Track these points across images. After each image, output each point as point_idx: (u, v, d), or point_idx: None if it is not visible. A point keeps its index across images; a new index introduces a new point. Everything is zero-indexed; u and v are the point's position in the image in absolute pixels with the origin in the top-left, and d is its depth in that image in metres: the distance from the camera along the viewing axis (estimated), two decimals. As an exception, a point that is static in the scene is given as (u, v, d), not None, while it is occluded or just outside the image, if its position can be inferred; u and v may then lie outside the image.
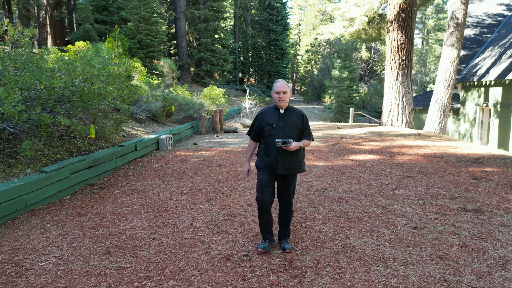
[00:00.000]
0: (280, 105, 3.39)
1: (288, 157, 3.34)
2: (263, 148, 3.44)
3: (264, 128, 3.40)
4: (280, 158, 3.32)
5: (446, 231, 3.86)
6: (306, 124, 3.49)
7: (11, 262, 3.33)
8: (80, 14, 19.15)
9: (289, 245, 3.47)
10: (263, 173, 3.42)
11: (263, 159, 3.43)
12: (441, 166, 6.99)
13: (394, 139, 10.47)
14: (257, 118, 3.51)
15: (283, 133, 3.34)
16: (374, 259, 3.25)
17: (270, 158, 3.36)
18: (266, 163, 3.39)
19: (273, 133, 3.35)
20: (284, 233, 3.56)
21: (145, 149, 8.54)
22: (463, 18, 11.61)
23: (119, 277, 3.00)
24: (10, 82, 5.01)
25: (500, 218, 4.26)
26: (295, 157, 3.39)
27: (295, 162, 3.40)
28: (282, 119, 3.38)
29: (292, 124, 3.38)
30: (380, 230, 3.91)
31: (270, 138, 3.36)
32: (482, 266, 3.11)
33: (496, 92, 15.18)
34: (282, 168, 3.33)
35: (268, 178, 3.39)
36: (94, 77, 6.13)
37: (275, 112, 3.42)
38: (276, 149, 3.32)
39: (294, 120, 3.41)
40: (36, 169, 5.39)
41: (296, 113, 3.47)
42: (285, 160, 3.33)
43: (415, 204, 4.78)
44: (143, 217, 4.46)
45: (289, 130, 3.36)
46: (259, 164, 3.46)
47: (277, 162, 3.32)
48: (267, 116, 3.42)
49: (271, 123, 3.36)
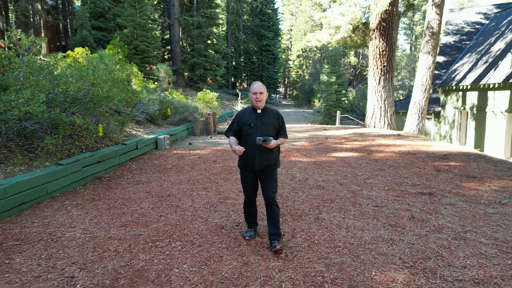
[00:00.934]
0: (257, 105, 3.59)
1: (266, 154, 3.57)
2: (243, 146, 3.56)
3: (243, 127, 3.61)
4: (257, 155, 3.54)
5: (401, 208, 4.72)
6: (282, 123, 3.73)
7: (45, 233, 4.09)
8: (78, 20, 19.86)
9: (279, 243, 3.48)
10: (244, 173, 3.69)
11: (242, 157, 3.63)
12: (411, 161, 7.89)
13: (375, 139, 11.37)
14: (236, 118, 3.71)
15: (260, 132, 3.55)
16: (339, 227, 4.08)
17: (248, 156, 3.57)
18: (245, 160, 3.60)
19: (251, 132, 3.56)
20: (275, 232, 3.55)
21: (145, 148, 9.30)
22: (438, 28, 12.61)
23: (136, 240, 3.79)
24: (31, 86, 5.78)
25: (449, 199, 5.13)
26: (271, 154, 3.62)
27: (272, 159, 3.63)
28: (259, 119, 3.60)
29: (269, 123, 3.59)
30: (347, 208, 4.75)
31: (249, 137, 3.57)
32: (423, 230, 3.96)
33: (472, 96, 16.23)
34: (259, 164, 3.56)
35: (250, 178, 3.66)
36: (103, 81, 6.91)
37: (253, 113, 3.63)
38: (254, 147, 3.52)
39: (270, 119, 3.63)
40: (53, 162, 6.15)
41: (272, 113, 3.69)
42: (262, 157, 3.56)
43: (381, 190, 5.64)
44: (150, 201, 5.25)
45: (266, 129, 3.57)
46: (240, 163, 3.71)
47: (255, 159, 3.54)
48: (245, 116, 3.63)
49: (249, 122, 3.57)
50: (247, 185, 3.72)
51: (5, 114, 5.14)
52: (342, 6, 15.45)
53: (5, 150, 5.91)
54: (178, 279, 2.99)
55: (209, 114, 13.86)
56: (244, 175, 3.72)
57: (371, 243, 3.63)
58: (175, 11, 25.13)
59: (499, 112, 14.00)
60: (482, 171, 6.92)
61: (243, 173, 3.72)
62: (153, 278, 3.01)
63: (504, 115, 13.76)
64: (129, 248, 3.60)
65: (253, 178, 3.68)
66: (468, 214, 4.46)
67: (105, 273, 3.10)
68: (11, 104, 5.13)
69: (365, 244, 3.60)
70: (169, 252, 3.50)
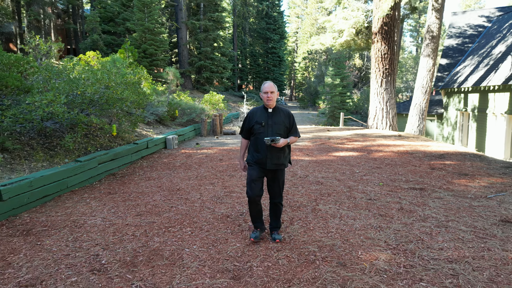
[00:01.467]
0: (268, 104, 3.65)
1: (277, 153, 3.60)
2: (253, 145, 3.67)
3: (254, 126, 3.65)
4: (269, 154, 3.58)
5: (392, 201, 5.12)
6: (293, 122, 3.77)
7: (69, 220, 4.56)
8: (89, 25, 20.49)
9: (280, 235, 3.74)
10: (253, 168, 3.68)
11: (253, 155, 3.68)
12: (408, 160, 8.27)
13: (375, 140, 11.75)
14: (247, 117, 3.77)
15: (272, 131, 3.58)
16: (333, 216, 4.50)
17: (260, 154, 3.61)
18: (256, 159, 3.64)
19: (262, 131, 3.59)
20: (275, 225, 3.81)
21: (155, 147, 9.78)
22: (437, 31, 12.96)
23: (151, 226, 4.25)
24: (52, 89, 6.28)
25: (438, 194, 5.52)
26: (283, 153, 3.65)
27: (283, 157, 3.66)
28: (270, 118, 3.64)
29: (279, 122, 3.63)
30: (342, 200, 5.17)
31: (260, 136, 3.60)
32: (409, 220, 4.36)
33: (473, 98, 16.52)
34: (271, 164, 3.60)
35: (257, 173, 3.64)
36: (116, 85, 7.40)
37: (264, 112, 3.68)
38: (266, 146, 3.56)
39: (281, 118, 3.67)
40: (72, 159, 6.64)
41: (283, 112, 3.73)
42: (273, 156, 3.59)
43: (375, 185, 6.04)
44: (161, 194, 5.71)
45: (277, 128, 3.60)
46: (250, 160, 3.72)
47: (266, 158, 3.58)
48: (256, 115, 3.68)
49: (260, 121, 3.62)
50: (254, 181, 3.61)
51: (30, 114, 5.64)
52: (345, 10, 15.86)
53: (28, 147, 6.41)
54: (189, 256, 3.43)
55: (215, 115, 14.32)
56: (252, 170, 3.67)
57: (360, 230, 4.04)
58: (182, 15, 25.71)
59: (499, 113, 14.29)
60: (474, 169, 7.28)
61: (252, 169, 3.68)
62: (167, 256, 3.46)
63: (504, 117, 14.05)
64: (145, 233, 4.05)
65: (262, 174, 3.67)
66: (453, 206, 4.85)
67: (125, 252, 3.55)
68: (35, 105, 5.63)
69: (355, 231, 4.02)
70: (181, 236, 3.95)
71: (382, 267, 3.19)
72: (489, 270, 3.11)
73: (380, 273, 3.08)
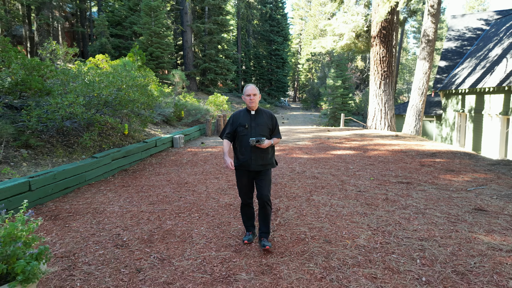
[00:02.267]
0: (251, 106, 3.66)
1: (260, 153, 3.63)
2: (238, 148, 3.69)
3: (238, 129, 3.66)
4: (253, 155, 3.61)
5: (380, 193, 5.66)
6: (276, 124, 3.81)
7: (90, 208, 5.15)
8: (97, 28, 21.17)
9: (269, 243, 3.62)
10: (240, 173, 3.73)
11: (238, 159, 3.70)
12: (401, 158, 8.79)
13: (373, 139, 12.27)
14: (230, 120, 3.77)
15: (255, 133, 3.61)
16: (324, 205, 5.06)
17: (244, 157, 3.63)
18: (241, 162, 3.65)
19: (246, 133, 3.62)
20: (265, 230, 3.71)
21: (163, 146, 10.38)
22: (433, 35, 13.46)
23: (163, 213, 4.82)
24: (71, 91, 6.88)
25: (423, 187, 6.05)
26: (266, 154, 3.68)
27: (267, 158, 3.69)
28: (253, 120, 3.67)
29: (263, 124, 3.67)
30: (334, 192, 5.72)
31: (244, 138, 3.62)
32: (392, 208, 4.90)
33: (470, 99, 16.99)
34: (255, 165, 3.62)
35: (245, 178, 3.70)
36: (128, 87, 8.00)
37: (247, 114, 3.70)
38: (250, 148, 3.59)
39: (264, 120, 3.70)
40: (88, 156, 7.24)
41: (266, 114, 3.77)
42: (258, 157, 3.62)
43: (366, 179, 6.58)
44: (171, 187, 6.28)
45: (260, 129, 3.63)
46: (236, 163, 3.72)
47: (250, 159, 3.61)
48: (239, 118, 3.69)
49: (243, 123, 3.64)
50: (243, 186, 3.73)
51: (53, 114, 6.24)
52: (346, 14, 16.39)
53: (49, 145, 7.02)
54: (197, 235, 4.00)
55: (219, 116, 14.91)
56: (239, 176, 3.73)
57: (347, 215, 4.59)
58: (187, 18, 26.36)
59: (494, 114, 14.76)
60: (462, 166, 7.80)
61: (239, 174, 3.74)
62: (179, 235, 4.03)
63: (498, 118, 14.51)
64: (158, 218, 4.63)
65: (249, 178, 3.71)
66: (434, 197, 5.38)
67: (142, 232, 4.13)
68: (57, 106, 6.22)
69: (342, 216, 4.57)
70: (189, 220, 4.52)
71: (361, 243, 3.74)
72: (453, 246, 3.64)
73: (359, 248, 3.63)
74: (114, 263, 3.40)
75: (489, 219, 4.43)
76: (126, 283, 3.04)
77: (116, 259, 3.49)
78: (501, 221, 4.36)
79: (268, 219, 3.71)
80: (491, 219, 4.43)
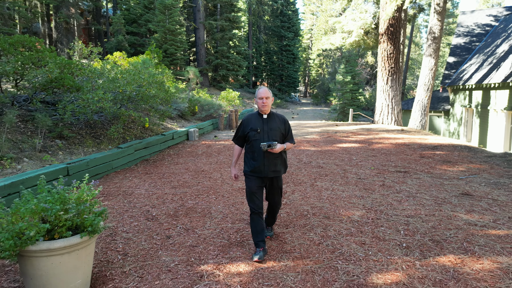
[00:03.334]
0: (263, 110, 3.54)
1: (274, 159, 3.51)
2: (250, 153, 3.56)
3: (249, 133, 3.53)
4: (266, 161, 3.48)
5: (378, 180, 6.26)
6: (289, 129, 3.69)
7: (120, 191, 5.87)
8: (114, 27, 22.00)
9: (271, 232, 3.89)
10: (250, 179, 3.55)
11: (250, 164, 3.55)
12: (402, 150, 9.34)
13: (379, 133, 12.79)
14: (242, 125, 3.65)
15: (267, 137, 3.49)
16: (326, 189, 5.69)
17: (256, 163, 3.49)
18: (253, 167, 3.51)
19: (258, 138, 3.49)
20: (271, 221, 3.90)
21: (179, 138, 11.10)
22: (439, 33, 13.87)
23: (185, 194, 5.52)
24: (99, 88, 7.61)
25: (419, 175, 6.62)
26: (279, 160, 3.57)
27: (279, 164, 3.58)
28: (266, 124, 3.54)
29: (275, 128, 3.54)
30: (337, 179, 6.34)
31: (256, 143, 3.49)
32: (386, 192, 5.51)
33: (477, 95, 17.33)
34: (269, 171, 3.51)
35: (256, 184, 3.53)
36: (149, 84, 8.71)
37: (259, 118, 3.58)
38: (262, 153, 3.46)
39: (277, 124, 3.58)
40: (114, 146, 7.98)
41: (278, 118, 3.65)
42: (271, 163, 3.50)
43: (367, 169, 7.17)
44: (189, 174, 6.98)
45: (272, 134, 3.51)
46: (247, 170, 3.59)
47: (264, 166, 3.48)
48: (251, 122, 3.57)
49: (255, 128, 3.51)
50: (253, 193, 3.52)
51: (84, 109, 6.98)
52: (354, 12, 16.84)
53: (79, 136, 7.78)
54: (215, 212, 4.68)
55: (231, 111, 15.57)
56: (250, 183, 3.56)
57: (346, 198, 5.22)
58: (200, 15, 27.03)
59: (499, 109, 15.11)
60: (459, 158, 8.32)
61: (249, 180, 3.57)
62: (199, 211, 4.72)
63: (504, 113, 14.87)
64: (181, 198, 5.32)
65: (260, 185, 3.56)
66: (426, 184, 5.96)
67: (168, 209, 4.83)
68: (88, 101, 6.96)
69: (341, 198, 5.20)
70: (208, 200, 5.21)
71: (355, 219, 4.36)
72: (434, 222, 4.25)
73: (353, 222, 4.26)
74: (147, 232, 4.10)
75: (472, 201, 5.00)
76: (159, 246, 3.73)
77: (148, 228, 4.19)
78: (483, 203, 4.93)
79: (276, 214, 3.83)
80: (474, 201, 5.00)
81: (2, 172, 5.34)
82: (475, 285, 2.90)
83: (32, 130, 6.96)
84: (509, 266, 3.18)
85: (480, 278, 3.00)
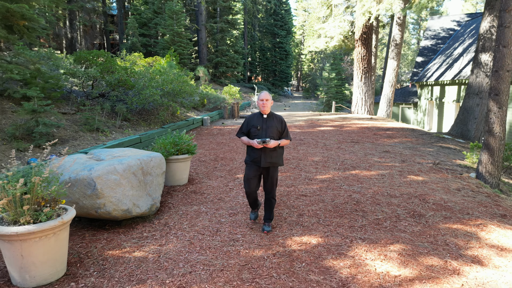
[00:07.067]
0: (263, 110, 4.11)
1: (269, 152, 4.10)
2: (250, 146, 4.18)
3: (251, 129, 4.13)
4: (263, 153, 4.08)
5: (336, 146, 9.80)
6: (285, 127, 4.22)
7: (173, 152, 9.36)
8: (129, 30, 25.22)
9: (269, 228, 4.28)
10: (249, 167, 4.21)
11: (250, 155, 4.21)
12: (363, 131, 12.90)
13: (351, 120, 16.36)
14: (245, 121, 4.25)
15: (265, 134, 4.07)
16: (302, 150, 9.21)
17: (255, 154, 4.12)
18: (252, 158, 4.16)
19: (257, 134, 4.09)
20: (268, 217, 4.31)
21: (197, 124, 14.57)
22: (400, 40, 17.39)
23: (216, 153, 9.02)
24: (148, 87, 11.05)
25: (364, 144, 10.16)
26: (275, 153, 4.14)
27: (275, 157, 4.15)
28: (265, 122, 4.12)
29: (273, 126, 4.11)
30: (310, 145, 9.86)
31: (256, 138, 4.08)
32: (338, 151, 9.05)
33: (436, 90, 20.97)
34: (265, 162, 4.09)
35: (253, 171, 4.17)
36: (178, 82, 12.16)
37: (260, 117, 4.16)
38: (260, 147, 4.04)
39: (275, 123, 4.14)
40: (159, 127, 11.45)
41: (276, 118, 4.18)
42: (267, 155, 4.09)
43: (332, 141, 10.71)
44: (214, 144, 10.46)
45: (270, 131, 4.09)
46: (247, 159, 4.26)
47: (260, 157, 4.09)
48: (253, 120, 4.17)
49: (256, 125, 4.09)
50: (250, 178, 4.18)
51: (144, 100, 10.41)
52: (335, 20, 20.30)
53: (136, 119, 11.22)
54: (237, 159, 8.21)
55: (234, 103, 19.02)
56: (249, 170, 4.20)
57: (313, 153, 8.75)
58: (202, 18, 30.28)
59: (451, 101, 18.75)
60: (399, 135, 11.90)
61: (249, 167, 4.21)
62: (228, 158, 8.24)
63: (453, 104, 18.52)
64: (215, 154, 8.83)
65: (257, 172, 4.18)
66: (366, 148, 9.52)
67: (210, 158, 8.33)
68: (145, 95, 10.39)
69: (310, 153, 8.73)
70: (230, 154, 8.73)
71: (315, 161, 7.90)
72: (358, 161, 7.79)
73: (313, 163, 7.80)
74: (203, 165, 7.61)
75: (386, 154, 8.57)
76: (212, 170, 7.24)
77: (203, 164, 7.69)
78: (392, 155, 8.50)
79: (272, 209, 4.30)
80: (388, 154, 8.57)
81: (107, 138, 8.80)
82: (367, 181, 6.46)
83: (107, 115, 10.39)
84: (384, 173, 6.74)
85: (369, 177, 6.56)
